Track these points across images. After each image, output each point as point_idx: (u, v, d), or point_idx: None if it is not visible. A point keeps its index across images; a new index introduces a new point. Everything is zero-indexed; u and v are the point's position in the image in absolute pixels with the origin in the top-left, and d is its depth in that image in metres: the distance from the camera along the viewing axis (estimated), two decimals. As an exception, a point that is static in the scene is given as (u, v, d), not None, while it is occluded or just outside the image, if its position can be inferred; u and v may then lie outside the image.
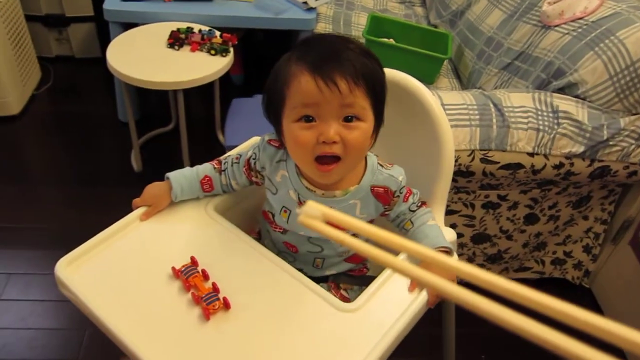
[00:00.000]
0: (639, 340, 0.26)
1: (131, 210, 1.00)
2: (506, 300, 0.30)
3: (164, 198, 1.00)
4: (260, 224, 1.10)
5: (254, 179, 1.02)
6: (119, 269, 0.89)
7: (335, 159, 0.84)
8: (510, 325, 0.29)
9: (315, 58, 0.81)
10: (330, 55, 0.82)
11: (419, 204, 1.01)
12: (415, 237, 0.97)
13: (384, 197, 0.96)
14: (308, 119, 0.82)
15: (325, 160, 0.84)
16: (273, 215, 1.00)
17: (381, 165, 0.96)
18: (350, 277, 1.07)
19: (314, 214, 0.38)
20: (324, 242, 0.99)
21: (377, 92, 0.86)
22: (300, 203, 0.95)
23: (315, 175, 0.89)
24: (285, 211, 0.98)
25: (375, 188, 0.95)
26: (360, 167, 0.95)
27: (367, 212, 0.96)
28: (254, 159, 1.00)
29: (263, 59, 3.05)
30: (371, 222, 0.99)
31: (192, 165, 1.05)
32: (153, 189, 1.01)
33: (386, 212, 0.99)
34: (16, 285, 1.79)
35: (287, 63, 0.85)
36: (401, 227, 1.01)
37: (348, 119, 0.82)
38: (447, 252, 0.95)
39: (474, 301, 0.31)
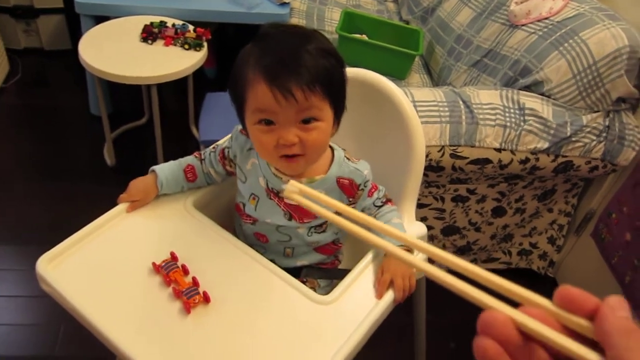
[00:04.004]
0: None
1: (110, 206, 1.01)
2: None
3: (150, 191, 1.02)
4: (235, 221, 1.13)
5: (228, 168, 1.05)
6: (100, 265, 0.91)
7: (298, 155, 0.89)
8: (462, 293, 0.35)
9: (271, 64, 0.83)
10: (286, 61, 0.83)
11: (384, 201, 1.04)
12: (379, 235, 0.99)
13: (349, 189, 0.99)
14: (267, 121, 0.86)
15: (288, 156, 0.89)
16: (244, 206, 1.03)
17: (348, 159, 1.00)
18: (322, 270, 1.10)
19: (294, 190, 0.49)
20: (292, 230, 1.02)
21: (335, 89, 0.88)
22: (268, 189, 0.98)
23: (282, 167, 0.94)
24: (253, 198, 1.01)
25: (341, 180, 0.98)
26: (327, 158, 0.99)
27: None
28: (228, 147, 1.03)
29: (235, 52, 3.06)
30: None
31: (165, 160, 1.07)
32: (139, 183, 1.03)
33: (351, 205, 1.02)
34: (-12, 281, 1.78)
35: (246, 64, 0.86)
36: None
37: (306, 121, 0.86)
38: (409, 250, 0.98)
39: (442, 277, 0.36)
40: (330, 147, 1.00)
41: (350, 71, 1.13)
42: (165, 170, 1.03)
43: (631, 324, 0.31)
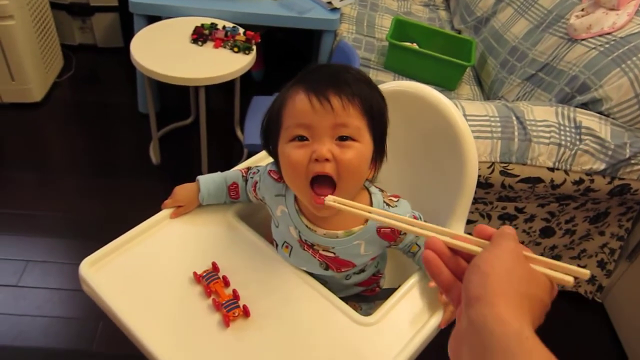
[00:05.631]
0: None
1: (154, 204, 1.01)
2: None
3: (193, 199, 1.01)
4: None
5: (261, 200, 1.00)
6: (141, 271, 0.90)
7: (330, 183, 0.80)
8: None
9: (314, 80, 0.81)
10: (328, 77, 0.81)
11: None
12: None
13: (390, 236, 0.93)
14: (301, 138, 0.81)
15: (320, 182, 0.81)
16: (277, 246, 0.98)
17: (387, 204, 0.92)
18: (362, 296, 1.06)
19: (331, 201, 0.68)
20: (329, 277, 0.97)
21: (375, 115, 0.83)
22: (301, 241, 0.92)
23: (310, 205, 0.85)
24: (286, 247, 0.95)
25: (382, 229, 0.91)
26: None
27: (371, 250, 0.94)
28: (258, 183, 0.99)
29: (284, 55, 3.07)
30: (374, 258, 0.97)
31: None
32: (184, 189, 1.02)
33: (392, 247, 0.97)
34: (33, 273, 1.81)
35: (287, 88, 0.85)
36: (408, 252, 0.98)
37: (342, 139, 0.80)
38: None
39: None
40: (368, 190, 0.93)
41: (400, 84, 1.10)
42: (209, 184, 1.01)
43: (507, 231, 0.50)
